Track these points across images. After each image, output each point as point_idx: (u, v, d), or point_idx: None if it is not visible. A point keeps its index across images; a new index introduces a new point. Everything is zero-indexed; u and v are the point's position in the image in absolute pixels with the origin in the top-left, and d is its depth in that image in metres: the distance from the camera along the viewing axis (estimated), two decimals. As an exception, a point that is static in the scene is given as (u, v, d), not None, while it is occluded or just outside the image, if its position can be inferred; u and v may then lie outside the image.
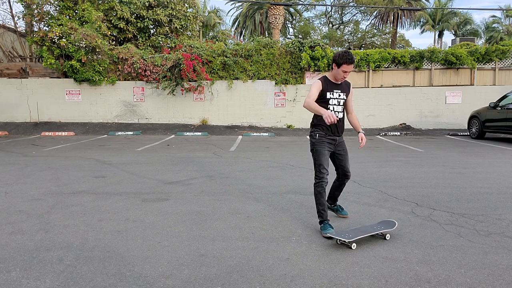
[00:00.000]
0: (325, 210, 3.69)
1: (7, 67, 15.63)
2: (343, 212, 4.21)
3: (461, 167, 7.20)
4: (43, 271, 2.90)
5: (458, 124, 14.98)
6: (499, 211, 4.37)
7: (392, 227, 3.57)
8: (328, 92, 3.71)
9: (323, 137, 3.75)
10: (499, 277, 2.80)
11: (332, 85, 3.74)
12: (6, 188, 5.60)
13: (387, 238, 3.55)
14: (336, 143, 3.83)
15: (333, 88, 3.74)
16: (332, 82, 3.74)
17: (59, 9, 15.35)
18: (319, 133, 3.76)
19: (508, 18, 37.48)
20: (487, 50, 14.79)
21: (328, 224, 3.66)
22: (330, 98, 3.73)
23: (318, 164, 3.71)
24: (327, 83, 3.73)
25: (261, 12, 31.99)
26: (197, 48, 14.99)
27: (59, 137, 13.22)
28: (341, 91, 3.77)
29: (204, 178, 6.26)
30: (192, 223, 4.02)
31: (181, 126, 15.01)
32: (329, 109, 3.70)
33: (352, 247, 3.31)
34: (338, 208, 4.22)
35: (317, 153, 3.74)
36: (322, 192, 3.68)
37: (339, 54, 3.58)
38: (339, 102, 3.77)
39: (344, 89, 3.81)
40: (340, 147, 3.86)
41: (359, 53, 15.15)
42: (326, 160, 3.73)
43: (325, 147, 3.74)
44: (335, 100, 3.75)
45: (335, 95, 3.74)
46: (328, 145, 3.77)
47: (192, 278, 2.79)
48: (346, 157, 3.89)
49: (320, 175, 3.69)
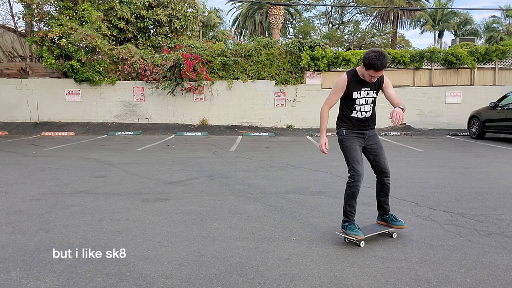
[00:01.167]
0: (353, 212, 3.42)
1: (7, 67, 15.62)
2: (399, 222, 3.58)
3: (461, 167, 7.20)
4: (43, 271, 2.90)
5: (458, 124, 14.98)
6: (499, 211, 4.37)
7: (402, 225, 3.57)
8: (354, 92, 3.40)
9: (351, 131, 3.47)
10: (499, 277, 2.80)
11: (360, 83, 3.39)
12: (6, 188, 5.60)
13: (394, 236, 3.55)
14: (366, 137, 3.50)
15: (360, 86, 3.40)
16: (360, 79, 3.37)
17: (59, 9, 15.35)
18: (345, 128, 3.50)
19: (508, 18, 37.47)
20: (487, 50, 14.80)
21: (355, 224, 3.41)
22: (357, 98, 3.42)
23: (351, 159, 3.40)
24: (354, 81, 3.38)
25: (261, 12, 31.99)
26: (197, 48, 14.99)
27: (59, 137, 13.22)
28: (370, 88, 3.42)
29: (204, 178, 6.26)
30: (192, 223, 4.02)
31: (181, 126, 15.01)
32: (355, 109, 3.43)
33: (361, 245, 3.33)
34: (392, 218, 3.60)
35: (347, 149, 3.44)
36: (355, 194, 3.37)
37: (369, 57, 3.15)
38: (367, 101, 3.45)
39: (374, 85, 3.44)
40: (372, 141, 3.52)
41: (359, 53, 15.15)
42: (359, 155, 3.41)
43: (355, 141, 3.45)
44: (362, 100, 3.43)
45: (362, 94, 3.41)
46: (357, 139, 3.47)
47: (192, 278, 2.79)
48: (380, 151, 3.52)
49: (353, 172, 3.37)
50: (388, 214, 3.63)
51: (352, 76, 3.38)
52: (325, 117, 3.49)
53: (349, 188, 3.40)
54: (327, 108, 3.49)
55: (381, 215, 3.68)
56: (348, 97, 3.42)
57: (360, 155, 3.44)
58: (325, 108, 3.49)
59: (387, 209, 3.64)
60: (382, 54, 3.13)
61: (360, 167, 3.36)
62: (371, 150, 3.53)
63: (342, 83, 3.39)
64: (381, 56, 3.12)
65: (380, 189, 3.62)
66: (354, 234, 3.32)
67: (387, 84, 3.48)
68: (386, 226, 3.62)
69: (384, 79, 3.46)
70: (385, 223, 3.63)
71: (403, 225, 3.58)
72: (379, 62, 3.12)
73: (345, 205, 3.45)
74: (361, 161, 3.39)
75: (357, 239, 3.32)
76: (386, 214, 3.64)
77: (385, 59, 3.14)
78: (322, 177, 6.27)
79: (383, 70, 3.19)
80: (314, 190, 5.41)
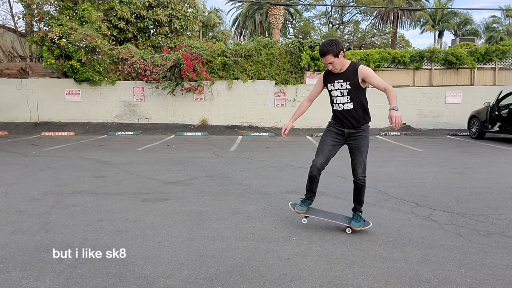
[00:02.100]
0: (309, 193, 3.72)
1: (7, 67, 15.63)
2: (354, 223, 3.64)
3: (461, 167, 7.20)
4: (43, 271, 2.90)
5: (458, 124, 14.97)
6: (499, 211, 4.37)
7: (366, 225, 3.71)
8: (329, 84, 3.59)
9: (333, 125, 3.67)
10: (499, 277, 2.80)
11: (333, 75, 3.55)
12: (6, 188, 5.60)
13: (348, 232, 3.66)
14: (346, 135, 3.59)
15: (333, 78, 3.54)
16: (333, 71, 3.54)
17: (59, 9, 15.35)
18: (330, 121, 3.72)
19: (508, 18, 37.47)
20: (487, 50, 14.80)
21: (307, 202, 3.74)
22: (332, 90, 3.58)
23: (316, 151, 3.67)
24: (328, 74, 3.59)
25: (261, 12, 31.99)
26: (197, 48, 15.00)
27: (59, 137, 13.22)
28: (343, 80, 3.48)
29: (204, 178, 6.26)
30: (192, 223, 4.02)
31: (181, 126, 15.01)
32: (334, 102, 3.59)
33: (303, 221, 3.74)
34: (355, 217, 3.69)
35: (320, 140, 3.72)
36: (311, 179, 3.66)
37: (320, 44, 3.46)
38: (342, 92, 3.50)
39: (348, 76, 3.46)
40: (352, 141, 3.58)
41: (359, 53, 15.16)
42: (326, 149, 3.59)
43: (330, 135, 3.64)
44: (337, 92, 3.54)
45: (336, 85, 3.53)
46: (335, 134, 3.62)
47: (192, 278, 2.79)
48: (356, 152, 3.57)
49: (313, 163, 3.63)
50: (355, 212, 3.74)
51: (328, 70, 3.58)
52: (299, 107, 3.81)
53: (308, 173, 3.70)
54: (305, 100, 3.78)
55: (352, 210, 3.82)
56: (327, 90, 3.65)
57: (327, 149, 3.59)
58: (304, 100, 3.79)
59: (357, 208, 3.72)
60: (329, 40, 3.37)
61: (318, 160, 3.57)
62: (349, 149, 3.66)
63: (320, 77, 3.69)
64: (326, 41, 3.38)
65: (354, 187, 3.73)
66: (298, 208, 3.71)
67: (367, 74, 3.40)
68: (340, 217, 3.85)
69: (359, 70, 3.42)
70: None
71: (356, 226, 3.63)
72: (321, 48, 3.37)
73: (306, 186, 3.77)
74: (323, 155, 3.57)
75: (297, 211, 3.72)
76: (353, 211, 3.78)
77: (326, 44, 3.34)
78: (322, 177, 6.24)
79: (327, 55, 3.34)
80: (314, 190, 5.40)
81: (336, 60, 3.37)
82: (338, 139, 3.62)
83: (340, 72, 3.48)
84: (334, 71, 3.48)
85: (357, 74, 3.43)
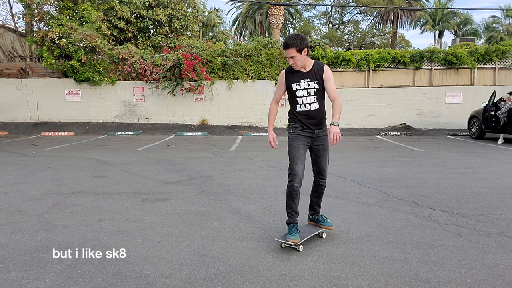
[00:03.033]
0: (293, 214, 3.32)
1: (7, 67, 15.62)
2: (326, 222, 3.60)
3: (461, 167, 7.19)
4: (43, 271, 2.90)
5: (458, 124, 14.97)
6: (499, 211, 4.37)
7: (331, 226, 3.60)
8: (293, 84, 3.33)
9: (299, 129, 3.38)
10: (499, 277, 2.80)
11: (297, 74, 3.31)
12: (6, 188, 5.60)
13: (323, 236, 3.56)
14: (314, 137, 3.40)
15: (299, 77, 3.31)
16: (297, 70, 3.31)
17: (59, 9, 15.34)
18: (294, 126, 3.41)
19: (508, 18, 37.47)
20: (487, 50, 14.80)
21: (295, 228, 3.29)
22: (297, 90, 3.32)
23: (291, 158, 3.32)
24: (291, 73, 3.34)
25: (261, 12, 31.99)
26: (197, 48, 15.00)
27: (59, 137, 13.22)
28: (310, 79, 3.29)
29: (204, 178, 6.26)
30: (192, 223, 4.02)
31: (181, 126, 15.01)
32: (298, 102, 3.34)
33: (299, 249, 3.25)
34: (320, 218, 3.62)
35: (290, 148, 3.36)
36: (292, 194, 3.28)
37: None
38: (309, 92, 3.30)
39: (315, 75, 3.30)
40: (319, 141, 3.43)
41: (359, 53, 15.15)
42: (301, 155, 3.31)
43: (300, 140, 3.35)
44: (303, 91, 3.31)
45: (302, 85, 3.30)
46: (304, 138, 3.37)
47: (192, 278, 2.79)
48: (324, 153, 3.44)
49: (290, 171, 3.30)
50: (317, 215, 3.64)
51: (289, 69, 3.37)
52: (271, 112, 3.55)
53: (287, 189, 3.32)
54: (273, 103, 3.55)
55: (311, 214, 3.68)
56: (289, 90, 3.39)
57: (303, 155, 3.34)
58: (272, 103, 3.56)
59: (317, 210, 3.64)
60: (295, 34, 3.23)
61: (298, 168, 3.27)
62: (315, 150, 3.46)
63: (281, 77, 3.43)
64: (291, 35, 3.22)
65: (314, 189, 3.59)
66: (290, 238, 3.19)
67: (329, 76, 3.32)
68: (316, 226, 3.63)
69: (325, 69, 3.32)
70: (315, 223, 3.65)
71: (331, 225, 3.59)
72: (287, 39, 3.19)
73: (286, 206, 3.38)
74: (301, 162, 3.30)
75: (294, 242, 3.18)
76: (315, 214, 3.65)
77: (292, 37, 3.17)
78: (322, 177, 6.26)
79: (290, 48, 3.16)
80: (314, 190, 5.40)
81: (298, 56, 3.18)
82: (307, 143, 3.41)
83: (305, 71, 3.31)
84: (295, 68, 3.29)
85: (322, 74, 3.31)
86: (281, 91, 3.49)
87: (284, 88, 3.43)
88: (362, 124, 15.28)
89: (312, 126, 3.37)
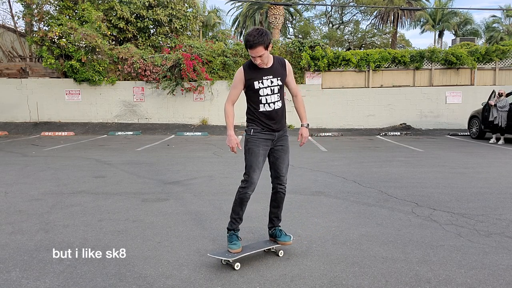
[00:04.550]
0: (237, 220, 3.08)
1: (7, 67, 15.62)
2: (284, 238, 3.17)
3: (461, 167, 7.19)
4: (43, 271, 2.90)
5: (458, 124, 14.97)
6: (499, 211, 4.37)
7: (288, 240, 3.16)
8: (255, 82, 2.98)
9: (259, 133, 3.04)
10: (499, 277, 2.79)
11: (260, 71, 2.99)
12: (6, 188, 5.60)
13: (280, 255, 3.11)
14: (275, 139, 3.10)
15: (261, 74, 2.99)
16: (258, 67, 2.98)
17: (59, 9, 15.35)
18: (254, 128, 3.06)
19: (508, 18, 37.47)
20: (487, 50, 14.80)
21: (236, 236, 3.04)
22: (260, 88, 2.99)
23: (248, 164, 3.03)
24: (251, 70, 2.99)
25: (261, 12, 31.98)
26: (197, 48, 15.00)
27: (59, 137, 13.22)
28: (273, 76, 3.01)
29: (204, 178, 6.26)
30: (192, 223, 4.02)
31: (181, 126, 15.01)
32: (262, 102, 3.01)
33: (236, 267, 2.89)
34: (277, 233, 3.21)
35: (249, 152, 3.04)
36: (243, 201, 3.05)
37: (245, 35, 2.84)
38: (273, 90, 3.01)
39: (278, 72, 3.04)
40: (279, 143, 3.12)
41: (359, 53, 15.15)
42: (260, 162, 3.02)
43: (261, 145, 3.03)
44: (267, 90, 3.00)
45: (265, 83, 2.99)
46: (264, 142, 3.05)
47: (192, 278, 2.79)
48: (283, 155, 3.14)
49: (247, 178, 3.02)
50: (275, 228, 3.23)
51: (248, 66, 3.02)
52: (229, 114, 3.09)
53: (238, 194, 3.06)
54: (229, 105, 3.13)
55: (270, 228, 3.27)
56: (251, 89, 3.02)
57: (262, 161, 3.04)
58: (227, 105, 3.13)
59: (276, 223, 3.25)
60: (257, 29, 2.84)
61: (255, 175, 3.01)
62: (274, 152, 3.13)
63: (239, 75, 3.03)
64: (253, 31, 2.82)
65: (273, 198, 3.24)
66: (231, 247, 2.93)
67: (290, 70, 3.12)
68: (274, 242, 3.21)
69: (287, 63, 3.11)
70: (273, 239, 3.23)
71: (289, 241, 3.16)
72: (250, 38, 2.79)
73: (231, 211, 3.11)
74: (259, 169, 3.02)
75: (235, 252, 2.91)
76: (273, 228, 3.25)
77: (256, 34, 2.79)
78: (322, 177, 6.27)
79: (258, 47, 2.80)
80: (314, 190, 5.41)
81: (266, 53, 2.88)
82: (267, 147, 3.08)
83: (267, 68, 3.00)
84: (262, 66, 2.96)
85: (285, 69, 3.09)
86: (238, 91, 3.09)
87: (242, 87, 3.05)
88: (362, 124, 15.27)
89: (275, 127, 3.06)
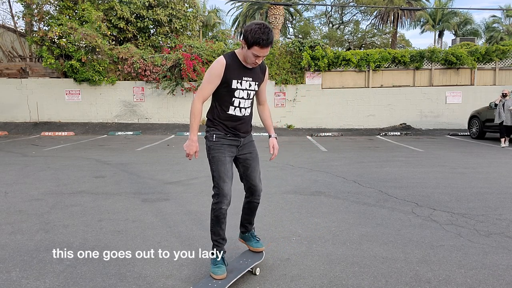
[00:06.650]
0: (220, 242, 2.73)
1: (7, 67, 15.62)
2: (257, 244, 3.01)
3: (461, 167, 7.19)
4: (43, 271, 2.90)
5: (458, 124, 14.98)
6: (499, 211, 4.37)
7: (259, 259, 2.94)
8: (234, 80, 2.61)
9: (222, 138, 2.71)
10: (499, 277, 2.79)
11: (241, 70, 2.62)
12: (6, 188, 5.60)
13: (257, 273, 2.85)
14: (240, 145, 2.78)
15: (242, 74, 2.62)
16: (242, 64, 2.61)
17: (59, 9, 15.35)
18: (216, 133, 2.73)
19: (508, 18, 37.47)
20: (487, 50, 14.80)
21: (222, 260, 2.69)
22: (237, 89, 2.64)
23: (217, 175, 2.65)
24: (234, 66, 2.59)
25: (261, 12, 31.98)
26: (197, 48, 15.00)
27: (59, 137, 13.22)
28: (252, 79, 2.68)
29: (204, 178, 6.26)
30: (192, 223, 4.02)
31: (181, 126, 15.01)
32: (234, 104, 2.68)
33: None
34: (250, 237, 3.03)
35: (214, 161, 2.68)
36: (219, 218, 2.68)
37: (252, 29, 2.40)
38: (249, 95, 2.71)
39: (257, 76, 2.72)
40: (246, 149, 2.81)
41: (359, 53, 15.15)
42: (228, 170, 2.67)
43: (226, 151, 2.70)
44: (243, 93, 2.67)
45: (244, 84, 2.65)
46: (229, 148, 2.72)
47: (192, 278, 2.79)
48: (253, 163, 2.83)
49: (217, 191, 2.66)
50: (248, 232, 3.06)
51: (232, 60, 2.59)
52: (197, 114, 2.67)
53: (213, 212, 2.70)
54: (199, 102, 2.67)
55: (242, 232, 3.11)
56: (226, 88, 2.63)
57: (230, 169, 2.69)
58: (198, 102, 2.66)
59: (249, 228, 3.06)
60: (266, 26, 2.43)
61: (226, 186, 2.64)
62: (243, 161, 2.81)
63: (219, 68, 2.56)
64: (266, 29, 2.41)
65: (246, 205, 2.97)
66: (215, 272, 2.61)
67: (267, 77, 2.86)
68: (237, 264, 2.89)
69: (267, 70, 2.83)
70: (244, 242, 3.11)
71: (261, 247, 3.00)
72: (265, 36, 2.39)
73: (210, 232, 2.75)
74: (229, 179, 2.67)
75: (215, 277, 2.58)
76: (246, 232, 3.07)
77: (271, 32, 2.44)
78: (322, 177, 6.27)
79: (270, 45, 2.46)
80: (314, 190, 5.41)
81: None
82: (233, 153, 2.76)
83: (249, 68, 2.65)
84: (253, 66, 2.63)
85: (264, 75, 2.80)
86: (213, 87, 2.63)
87: (218, 82, 2.60)
88: (362, 124, 15.27)
89: (241, 133, 2.76)
